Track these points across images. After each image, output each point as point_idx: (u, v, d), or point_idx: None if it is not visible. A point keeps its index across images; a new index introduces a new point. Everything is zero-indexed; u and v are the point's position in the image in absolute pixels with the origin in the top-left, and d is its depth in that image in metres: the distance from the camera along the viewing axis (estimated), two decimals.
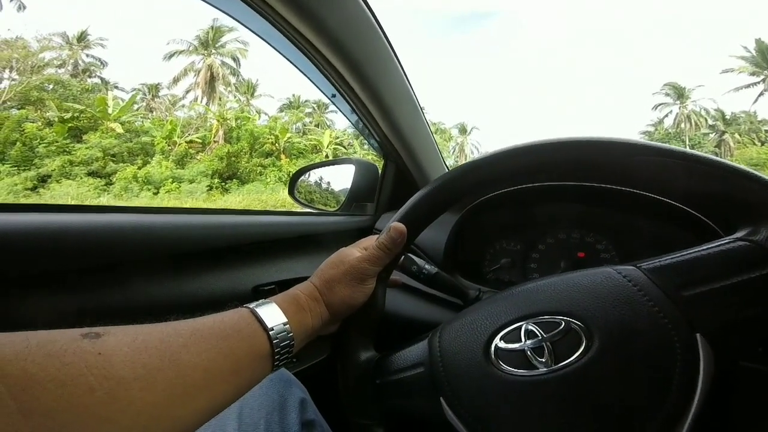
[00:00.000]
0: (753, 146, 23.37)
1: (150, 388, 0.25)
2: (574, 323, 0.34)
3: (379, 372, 0.43)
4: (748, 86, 25.91)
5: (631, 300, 0.33)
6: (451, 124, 36.03)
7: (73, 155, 17.41)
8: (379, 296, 0.47)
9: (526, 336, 0.35)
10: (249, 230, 0.70)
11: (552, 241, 0.77)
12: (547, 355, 0.34)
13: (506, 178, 0.44)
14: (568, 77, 58.16)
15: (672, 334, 0.31)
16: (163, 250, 0.59)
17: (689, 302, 0.32)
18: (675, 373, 0.30)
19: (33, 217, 0.45)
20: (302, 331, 0.40)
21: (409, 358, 0.42)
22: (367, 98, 0.75)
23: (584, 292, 0.35)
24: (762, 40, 24.72)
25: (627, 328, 0.32)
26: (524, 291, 0.39)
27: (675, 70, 40.38)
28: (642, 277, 0.34)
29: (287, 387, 0.52)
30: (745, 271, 0.31)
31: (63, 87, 21.06)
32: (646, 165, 0.37)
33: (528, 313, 0.36)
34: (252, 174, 20.29)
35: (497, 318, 0.37)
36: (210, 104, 26.17)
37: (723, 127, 26.77)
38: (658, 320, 0.32)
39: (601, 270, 0.36)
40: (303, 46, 0.61)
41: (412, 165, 0.93)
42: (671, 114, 29.55)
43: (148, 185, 17.69)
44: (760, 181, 0.33)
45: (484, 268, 0.82)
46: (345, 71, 0.68)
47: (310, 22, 0.57)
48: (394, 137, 0.86)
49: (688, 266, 0.33)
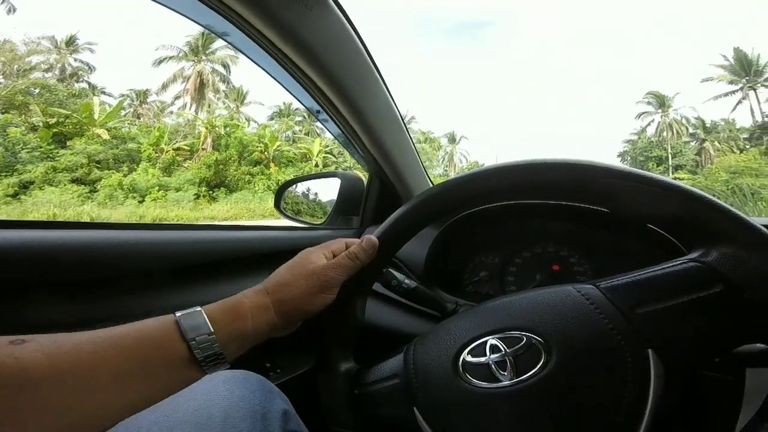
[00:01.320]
0: (732, 154, 24.00)
1: (57, 388, 0.29)
2: (534, 339, 0.36)
3: (357, 383, 0.45)
4: (727, 95, 26.70)
5: (588, 317, 0.35)
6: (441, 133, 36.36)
7: (57, 161, 17.07)
8: (359, 309, 0.49)
9: (491, 350, 0.37)
10: (232, 245, 0.72)
11: (528, 254, 0.80)
12: (510, 368, 0.36)
13: (480, 198, 0.46)
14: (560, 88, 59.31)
15: (625, 350, 0.33)
16: (143, 266, 0.61)
17: (642, 320, 0.34)
18: (627, 386, 0.32)
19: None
20: (238, 337, 0.41)
21: (385, 369, 0.44)
22: (350, 115, 0.77)
23: (545, 309, 0.37)
24: (740, 48, 25.51)
25: (583, 344, 0.35)
26: (491, 307, 0.41)
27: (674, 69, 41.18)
28: (599, 295, 0.36)
29: (270, 398, 0.53)
30: (695, 291, 0.33)
31: (49, 91, 20.69)
32: (606, 187, 0.39)
33: (493, 329, 0.38)
34: (240, 182, 20.11)
35: (465, 333, 0.40)
36: (199, 111, 25.97)
37: (703, 135, 27.46)
38: (611, 337, 0.34)
39: (562, 288, 0.39)
40: (282, 60, 0.62)
41: (396, 179, 0.95)
42: (653, 123, 30.29)
43: (133, 193, 17.39)
44: (711, 204, 0.35)
45: (464, 281, 0.84)
46: (327, 88, 0.70)
47: (290, 37, 0.58)
48: (378, 152, 0.88)
49: (642, 286, 0.35)
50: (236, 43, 0.60)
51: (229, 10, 0.52)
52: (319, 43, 0.61)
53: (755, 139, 24.22)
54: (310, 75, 0.66)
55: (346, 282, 0.47)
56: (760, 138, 23.57)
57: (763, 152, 20.96)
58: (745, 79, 25.72)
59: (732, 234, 0.34)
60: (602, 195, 0.40)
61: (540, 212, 0.77)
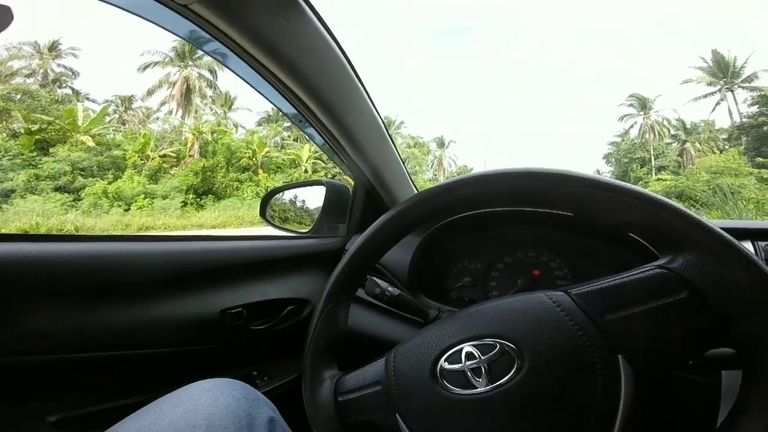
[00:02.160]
0: (712, 154, 24.55)
1: None
2: (507, 345, 0.37)
3: (341, 390, 0.46)
4: (706, 96, 27.33)
5: (559, 324, 0.36)
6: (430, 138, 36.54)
7: (39, 169, 16.68)
8: (342, 317, 0.50)
9: (466, 357, 0.38)
10: (218, 255, 0.73)
11: (510, 260, 0.81)
12: (485, 375, 0.37)
13: (458, 206, 0.47)
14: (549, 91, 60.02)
15: (594, 355, 0.34)
16: (132, 277, 0.62)
17: (611, 326, 0.35)
18: (597, 391, 0.33)
19: None
20: None
21: (368, 376, 0.45)
22: (332, 124, 0.78)
23: (518, 316, 0.39)
24: (718, 50, 26.15)
25: (554, 350, 0.36)
26: (467, 315, 0.43)
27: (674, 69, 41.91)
28: (569, 302, 0.37)
29: (255, 405, 0.52)
30: (661, 297, 0.34)
31: (31, 97, 20.17)
32: (573, 196, 0.40)
33: (469, 336, 0.40)
34: (228, 189, 19.87)
35: (443, 340, 0.41)
36: (186, 117, 25.67)
37: (684, 137, 28.01)
38: (581, 343, 0.35)
39: (534, 295, 0.40)
40: (265, 74, 0.63)
41: (380, 187, 0.96)
42: (636, 125, 30.86)
43: (118, 201, 17.07)
44: (676, 212, 0.36)
45: (448, 287, 0.85)
46: (308, 99, 0.70)
47: (271, 51, 0.59)
48: (361, 161, 0.89)
49: (611, 292, 0.37)
50: (217, 55, 0.61)
51: (208, 24, 0.52)
52: (298, 55, 0.62)
53: (734, 140, 24.82)
54: (291, 86, 0.67)
55: (331, 285, 0.49)
56: (738, 138, 24.18)
57: (742, 152, 21.53)
58: (723, 80, 26.39)
59: (696, 240, 0.35)
60: (573, 203, 0.41)
61: (521, 219, 0.79)
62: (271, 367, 0.83)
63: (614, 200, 0.39)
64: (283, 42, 0.59)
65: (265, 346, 0.82)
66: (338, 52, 0.68)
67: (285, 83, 0.66)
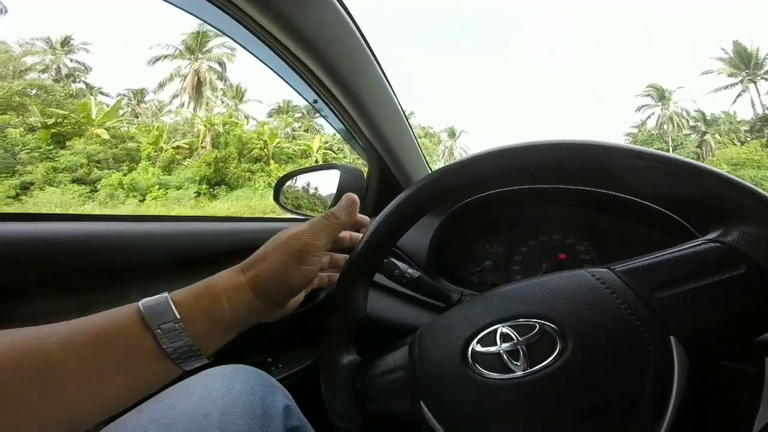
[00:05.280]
0: (733, 146, 23.91)
1: (21, 384, 0.27)
2: (548, 326, 0.34)
3: (360, 376, 0.43)
4: (727, 87, 26.61)
5: (604, 302, 0.33)
6: (441, 128, 36.35)
7: (56, 162, 17.07)
8: (361, 299, 0.47)
9: (502, 339, 0.35)
10: (231, 236, 0.70)
11: (534, 243, 0.78)
12: (523, 358, 0.34)
13: (485, 180, 0.44)
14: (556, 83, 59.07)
15: (645, 336, 0.31)
16: (142, 259, 0.60)
17: (662, 305, 0.32)
18: (649, 375, 0.30)
19: None
20: (215, 325, 0.36)
21: (389, 361, 0.42)
22: (349, 104, 0.76)
23: (558, 295, 0.35)
24: (739, 42, 25.47)
25: (600, 331, 0.32)
26: (500, 294, 0.39)
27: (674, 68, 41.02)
28: (615, 279, 0.34)
29: (270, 393, 0.51)
30: (717, 273, 0.31)
31: (46, 92, 20.67)
32: (620, 169, 0.38)
33: (503, 317, 0.36)
34: (240, 180, 20.11)
35: (474, 321, 0.38)
36: (197, 109, 25.93)
37: (704, 128, 27.38)
38: (630, 323, 0.32)
39: (575, 273, 0.37)
40: (281, 51, 0.61)
41: (396, 169, 0.94)
42: (653, 116, 30.19)
43: (134, 192, 17.41)
44: (730, 182, 0.33)
45: (467, 271, 0.82)
46: (324, 77, 0.68)
47: (287, 28, 0.57)
48: (377, 142, 0.86)
49: (660, 268, 0.33)
50: (234, 35, 0.59)
51: (226, 1, 0.50)
52: (317, 34, 0.60)
53: (756, 132, 24.17)
54: (309, 65, 0.65)
55: (348, 267, 0.45)
56: (761, 130, 23.52)
57: (764, 144, 20.91)
58: (745, 71, 25.65)
59: (753, 212, 0.32)
60: (616, 177, 0.38)
61: (544, 199, 0.76)
62: (286, 354, 0.81)
63: (663, 172, 0.36)
64: (301, 19, 0.57)
65: (279, 332, 0.81)
66: (355, 30, 0.66)
67: (303, 62, 0.64)
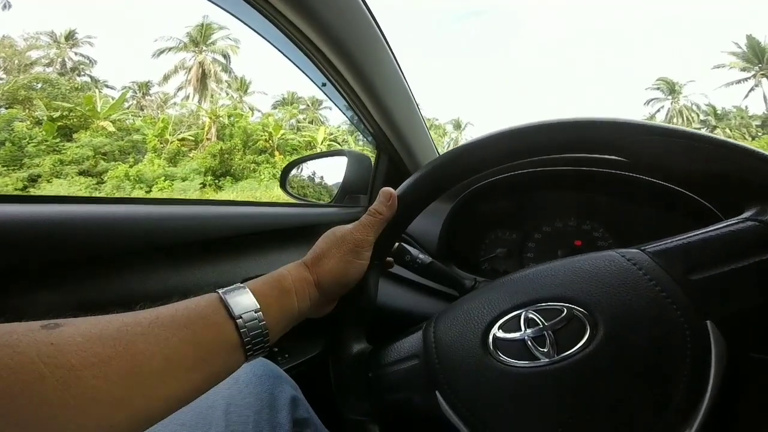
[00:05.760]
0: (744, 141, 23.58)
1: (104, 377, 0.25)
2: (577, 310, 0.32)
3: (371, 365, 0.41)
4: (739, 82, 26.17)
5: (637, 285, 0.31)
6: (446, 119, 36.09)
7: (63, 154, 17.16)
8: (372, 285, 0.45)
9: (526, 324, 0.33)
10: (239, 222, 0.68)
11: (548, 229, 0.76)
12: (549, 344, 0.32)
13: (504, 158, 0.42)
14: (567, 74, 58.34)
15: (681, 321, 0.29)
16: (151, 242, 0.57)
17: (698, 287, 0.30)
18: (686, 363, 0.28)
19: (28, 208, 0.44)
20: (284, 317, 0.37)
21: (402, 349, 0.40)
22: (359, 87, 0.74)
23: (586, 277, 0.33)
24: (753, 36, 24.97)
25: (633, 315, 0.30)
26: (523, 277, 0.37)
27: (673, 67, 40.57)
28: (647, 260, 0.32)
29: (277, 384, 0.49)
30: (757, 253, 0.29)
31: (51, 85, 20.69)
32: (646, 146, 0.36)
33: (527, 300, 0.34)
34: (246, 171, 20.15)
35: (495, 306, 0.36)
36: (202, 101, 25.94)
37: (714, 122, 26.95)
38: (666, 306, 0.30)
39: (603, 254, 0.34)
40: (291, 33, 0.59)
41: (405, 155, 0.92)
42: (663, 109, 29.76)
43: (140, 183, 17.49)
44: (765, 159, 0.32)
45: (479, 258, 0.80)
46: (336, 59, 0.66)
47: (299, 8, 0.55)
48: (387, 127, 0.84)
49: (695, 249, 0.31)
50: (242, 15, 0.57)
51: None
52: (329, 14, 0.58)
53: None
54: (319, 46, 0.63)
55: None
56: None
57: None
58: (758, 66, 25.17)
59: None
60: (647, 155, 0.36)
61: (558, 184, 0.73)
62: (293, 344, 0.79)
63: (693, 149, 0.34)
64: (315, 1, 0.55)
65: None
66: (368, 14, 0.64)
67: (313, 42, 0.62)
